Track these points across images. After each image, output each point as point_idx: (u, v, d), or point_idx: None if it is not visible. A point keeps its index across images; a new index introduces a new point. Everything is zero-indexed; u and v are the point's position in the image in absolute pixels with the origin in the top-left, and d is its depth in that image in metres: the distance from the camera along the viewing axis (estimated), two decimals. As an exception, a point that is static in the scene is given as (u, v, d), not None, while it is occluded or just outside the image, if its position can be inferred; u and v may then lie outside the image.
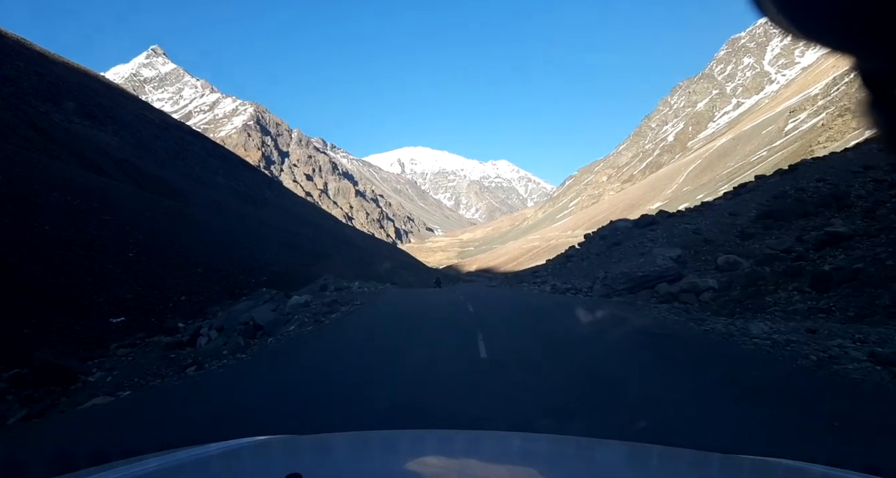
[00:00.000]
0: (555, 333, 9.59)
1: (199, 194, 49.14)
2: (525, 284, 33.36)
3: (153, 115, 72.82)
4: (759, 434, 3.91)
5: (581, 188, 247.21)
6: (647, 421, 4.26)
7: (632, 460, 1.62)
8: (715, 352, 7.32)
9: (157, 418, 6.01)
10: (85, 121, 55.42)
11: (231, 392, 6.87)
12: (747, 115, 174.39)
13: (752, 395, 5.06)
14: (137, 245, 28.14)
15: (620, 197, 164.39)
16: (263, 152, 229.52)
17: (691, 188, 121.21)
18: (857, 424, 4.11)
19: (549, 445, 1.82)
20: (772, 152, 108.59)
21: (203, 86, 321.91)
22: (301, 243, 41.96)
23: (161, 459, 1.33)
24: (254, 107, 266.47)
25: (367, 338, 10.09)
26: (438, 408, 5.00)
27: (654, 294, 15.03)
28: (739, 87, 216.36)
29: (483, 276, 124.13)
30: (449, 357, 7.70)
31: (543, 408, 4.83)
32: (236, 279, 26.32)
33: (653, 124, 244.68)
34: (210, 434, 2.68)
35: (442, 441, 1.85)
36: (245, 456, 1.56)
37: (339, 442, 1.81)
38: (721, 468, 1.51)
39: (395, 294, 22.85)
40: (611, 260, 25.05)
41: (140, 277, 25.08)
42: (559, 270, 32.52)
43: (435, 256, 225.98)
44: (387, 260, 64.22)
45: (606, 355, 7.44)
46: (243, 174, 75.19)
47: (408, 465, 1.48)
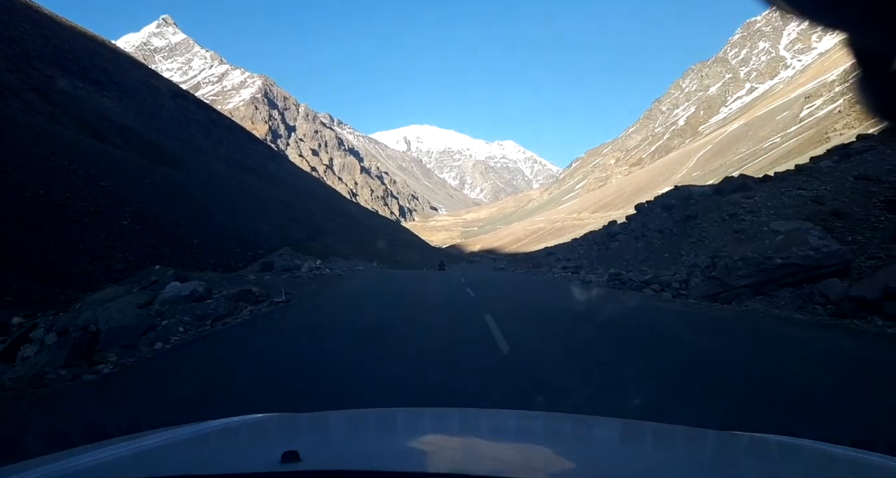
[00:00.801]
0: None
1: (200, 164, 48.40)
2: (544, 268, 28.20)
3: (159, 83, 71.65)
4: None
5: (588, 171, 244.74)
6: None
7: (627, 437, 1.63)
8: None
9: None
10: (89, 86, 54.50)
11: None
12: (761, 100, 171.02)
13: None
14: (133, 213, 27.57)
15: (628, 180, 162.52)
16: (270, 126, 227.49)
17: (701, 173, 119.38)
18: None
19: (544, 422, 1.83)
20: (786, 139, 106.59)
21: (212, 57, 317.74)
22: (302, 217, 41.36)
23: (159, 435, 1.33)
24: (262, 80, 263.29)
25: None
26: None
27: (812, 297, 9.49)
28: (754, 71, 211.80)
29: (487, 256, 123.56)
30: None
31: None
32: (231, 252, 25.81)
33: (663, 108, 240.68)
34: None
35: (439, 419, 1.84)
36: (242, 434, 1.57)
37: (337, 420, 1.79)
38: (715, 445, 1.52)
39: (370, 281, 18.85)
40: (688, 239, 19.31)
41: (134, 247, 24.56)
42: (600, 252, 26.76)
43: (438, 235, 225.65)
44: (388, 237, 63.69)
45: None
46: (247, 146, 74.26)
47: (405, 442, 1.47)
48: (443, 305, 10.69)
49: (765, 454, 1.44)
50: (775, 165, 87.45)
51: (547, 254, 37.25)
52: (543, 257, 35.32)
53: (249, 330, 7.84)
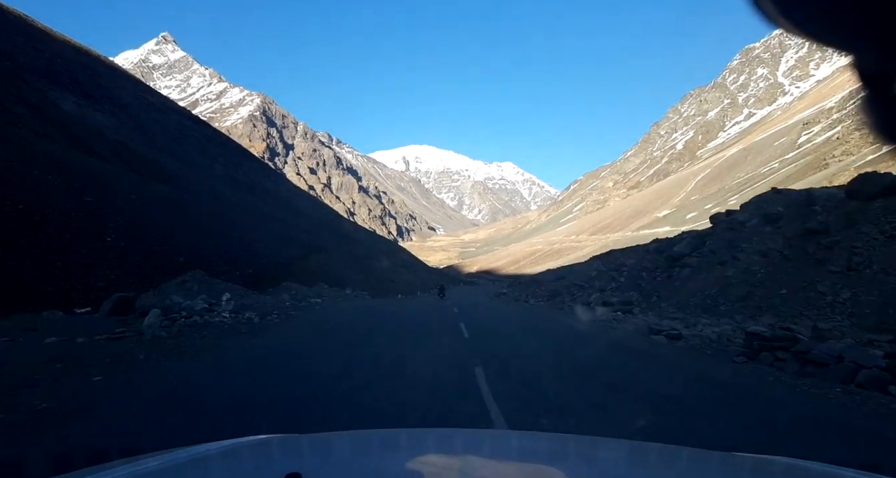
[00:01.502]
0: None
1: (194, 181, 47.33)
2: (564, 297, 22.14)
3: (154, 99, 71.06)
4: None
5: (586, 193, 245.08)
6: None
7: (632, 458, 1.61)
8: None
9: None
10: (81, 100, 53.74)
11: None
12: (759, 126, 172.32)
13: None
14: (118, 229, 26.36)
15: (626, 203, 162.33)
16: (268, 144, 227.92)
17: (699, 197, 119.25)
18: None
19: (549, 443, 1.81)
20: (784, 164, 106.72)
21: (211, 75, 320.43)
22: (296, 236, 40.17)
23: (160, 459, 1.32)
24: (261, 98, 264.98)
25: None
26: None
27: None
28: (752, 97, 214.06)
29: (485, 277, 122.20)
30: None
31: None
32: (219, 270, 24.50)
33: (662, 132, 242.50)
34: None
35: (442, 440, 1.80)
36: (245, 455, 1.55)
37: (340, 441, 1.77)
38: (721, 466, 1.50)
39: (324, 326, 13.08)
40: (825, 267, 13.14)
41: (116, 265, 23.30)
42: (654, 282, 19.99)
43: (436, 255, 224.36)
44: (386, 257, 62.37)
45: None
46: (243, 163, 73.39)
47: (408, 464, 1.46)
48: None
49: (770, 476, 1.41)
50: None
51: (557, 278, 32.35)
52: (553, 282, 30.48)
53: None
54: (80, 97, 53.62)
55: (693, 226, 79.43)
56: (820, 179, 69.45)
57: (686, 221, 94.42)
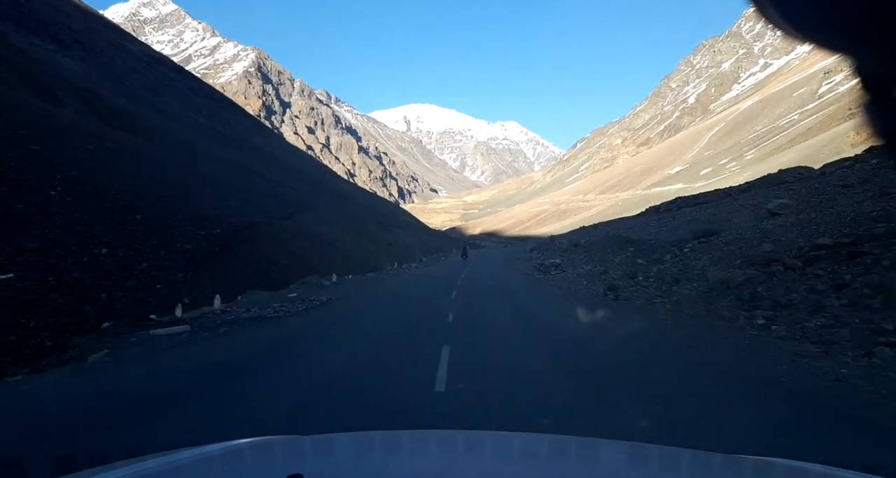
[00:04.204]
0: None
1: (171, 133, 43.31)
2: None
3: (133, 46, 66.01)
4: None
5: (593, 151, 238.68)
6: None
7: (633, 460, 1.61)
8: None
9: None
10: (48, 44, 49.25)
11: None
12: (775, 76, 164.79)
13: None
14: (66, 182, 22.79)
15: (636, 161, 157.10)
16: (264, 101, 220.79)
17: (713, 153, 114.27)
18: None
19: (550, 445, 1.80)
20: (804, 116, 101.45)
21: (204, 29, 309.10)
22: (282, 193, 36.52)
23: (162, 459, 1.32)
24: (256, 53, 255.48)
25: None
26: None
27: None
28: (769, 46, 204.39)
29: (488, 239, 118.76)
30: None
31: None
32: (182, 230, 21.01)
33: (673, 85, 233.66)
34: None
35: (444, 441, 1.81)
36: (246, 456, 1.56)
37: (342, 442, 1.77)
38: (722, 468, 1.50)
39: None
40: None
41: (57, 222, 19.80)
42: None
43: (438, 217, 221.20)
44: (383, 218, 58.80)
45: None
46: (230, 117, 68.85)
47: (410, 465, 1.46)
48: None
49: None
50: (794, 142, 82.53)
51: (617, 235, 22.58)
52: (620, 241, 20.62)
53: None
54: (46, 40, 49.08)
55: (709, 182, 75.40)
56: (845, 129, 64.76)
57: (700, 178, 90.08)
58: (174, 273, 17.93)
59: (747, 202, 20.19)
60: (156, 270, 17.74)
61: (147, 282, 16.47)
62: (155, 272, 17.53)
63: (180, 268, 18.60)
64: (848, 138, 57.88)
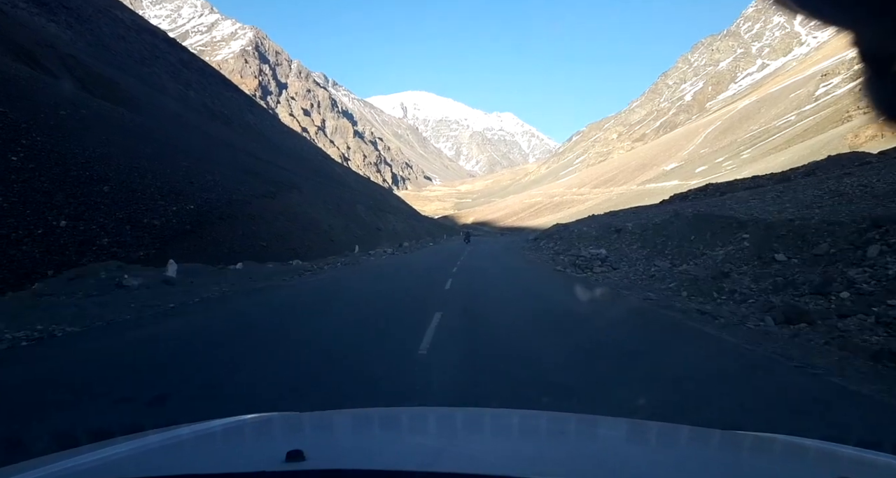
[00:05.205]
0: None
1: (156, 105, 41.71)
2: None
3: (123, 15, 63.80)
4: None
5: (588, 145, 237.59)
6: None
7: (632, 437, 1.63)
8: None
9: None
10: (32, 7, 47.32)
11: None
12: (773, 77, 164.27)
13: None
14: (30, 148, 21.38)
15: (631, 156, 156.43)
16: (261, 81, 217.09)
17: (709, 151, 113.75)
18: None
19: (549, 422, 1.82)
20: (801, 117, 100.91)
21: (203, 5, 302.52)
22: (266, 171, 35.22)
23: (162, 435, 1.34)
24: (253, 32, 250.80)
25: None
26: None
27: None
28: (766, 47, 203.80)
29: (480, 229, 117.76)
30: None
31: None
32: (152, 205, 19.76)
33: (670, 82, 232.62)
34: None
35: (444, 418, 1.82)
36: (246, 433, 1.57)
37: (341, 419, 1.78)
38: (720, 444, 1.52)
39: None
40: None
41: (14, 189, 18.48)
42: None
43: (431, 205, 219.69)
44: (373, 201, 57.54)
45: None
46: (222, 93, 66.99)
47: (410, 441, 1.47)
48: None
49: (770, 454, 1.43)
50: (791, 143, 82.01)
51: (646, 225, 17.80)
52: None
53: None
54: (30, 4, 47.16)
55: (707, 179, 74.56)
56: (843, 131, 64.12)
57: (695, 175, 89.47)
58: (135, 251, 16.73)
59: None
60: (116, 246, 16.54)
61: (104, 259, 15.27)
62: (115, 249, 16.34)
63: (143, 244, 17.40)
64: (846, 140, 57.14)
